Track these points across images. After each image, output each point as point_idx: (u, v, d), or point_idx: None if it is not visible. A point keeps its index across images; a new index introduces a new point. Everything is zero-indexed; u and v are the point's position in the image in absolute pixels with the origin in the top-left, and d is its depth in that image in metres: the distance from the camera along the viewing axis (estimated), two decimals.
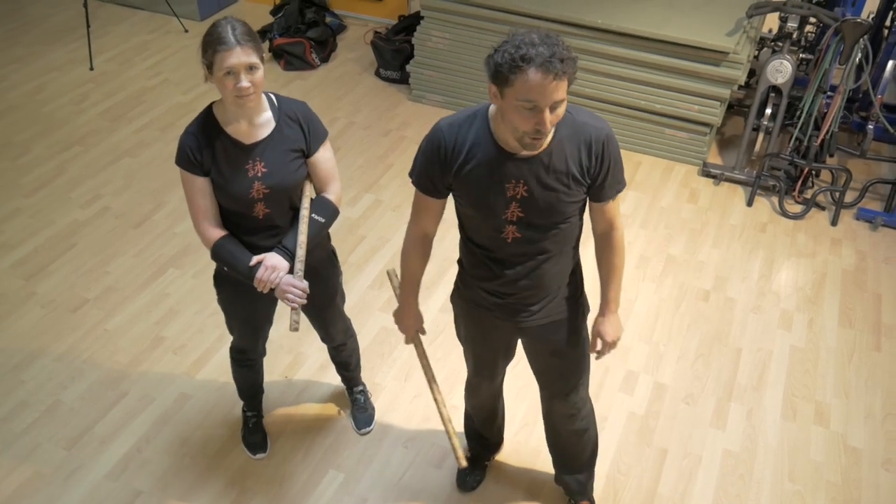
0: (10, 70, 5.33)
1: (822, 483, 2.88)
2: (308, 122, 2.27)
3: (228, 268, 2.29)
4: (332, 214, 2.36)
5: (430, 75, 4.94)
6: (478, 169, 1.93)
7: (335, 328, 2.74)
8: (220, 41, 2.01)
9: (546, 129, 1.76)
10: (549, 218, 1.98)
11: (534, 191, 1.92)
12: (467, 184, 1.96)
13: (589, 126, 1.92)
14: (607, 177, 1.97)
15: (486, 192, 1.94)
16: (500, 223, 1.99)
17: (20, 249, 3.84)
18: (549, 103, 1.72)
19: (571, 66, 1.72)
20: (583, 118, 1.93)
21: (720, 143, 4.73)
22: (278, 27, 5.48)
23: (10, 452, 2.93)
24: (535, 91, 1.70)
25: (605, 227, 2.13)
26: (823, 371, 3.30)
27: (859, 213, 4.13)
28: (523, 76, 1.68)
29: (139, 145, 4.63)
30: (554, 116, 1.76)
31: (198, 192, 2.22)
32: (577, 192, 1.96)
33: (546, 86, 1.69)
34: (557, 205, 1.95)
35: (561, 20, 4.42)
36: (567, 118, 1.90)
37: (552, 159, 1.90)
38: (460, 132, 1.94)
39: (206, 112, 2.21)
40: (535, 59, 1.67)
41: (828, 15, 3.93)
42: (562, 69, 1.68)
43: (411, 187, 2.10)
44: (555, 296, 2.18)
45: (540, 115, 1.73)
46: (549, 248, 2.05)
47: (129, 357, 3.31)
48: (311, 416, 3.09)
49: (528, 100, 1.71)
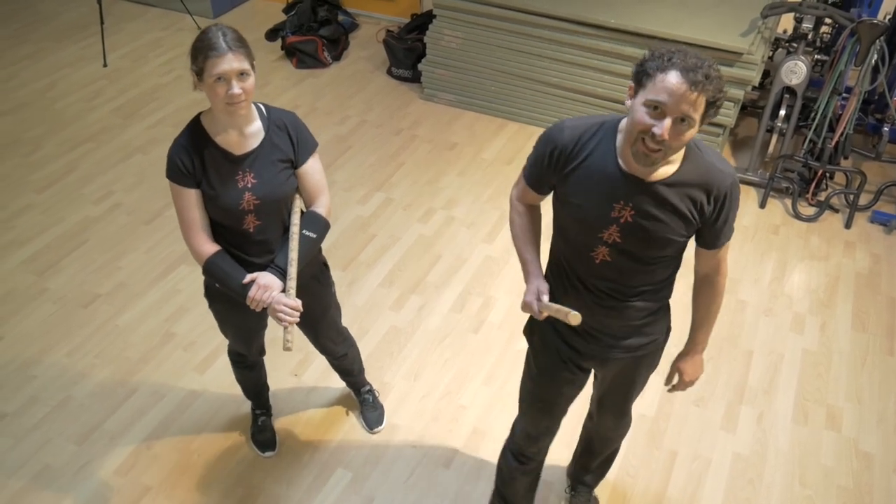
0: (22, 67, 5.35)
1: (834, 488, 2.85)
2: (297, 132, 2.23)
3: (220, 285, 2.24)
4: (323, 229, 2.32)
5: (442, 74, 4.93)
6: (589, 178, 1.83)
7: (332, 342, 2.71)
8: (210, 47, 1.98)
9: (664, 136, 1.64)
10: (646, 251, 1.86)
11: (640, 218, 1.81)
12: (574, 191, 1.86)
13: (715, 169, 1.80)
14: (724, 224, 1.87)
15: (591, 205, 1.84)
16: (593, 241, 1.88)
17: (31, 246, 3.86)
18: (677, 112, 1.63)
19: (715, 85, 1.64)
20: (710, 158, 1.82)
21: (733, 144, 4.70)
22: (291, 25, 5.48)
23: (21, 447, 2.94)
24: (667, 92, 1.63)
25: (709, 271, 2.02)
26: (836, 375, 3.27)
27: (874, 216, 4.09)
28: (663, 75, 1.63)
29: (151, 142, 4.64)
30: (676, 132, 1.65)
31: (189, 204, 2.17)
32: (685, 232, 1.85)
33: (681, 92, 1.62)
34: (659, 240, 1.83)
35: (573, 19, 4.40)
36: (695, 154, 1.80)
37: (669, 192, 1.79)
38: (582, 137, 1.85)
39: (193, 122, 2.16)
40: (679, 64, 1.63)
41: (843, 16, 3.89)
42: (704, 83, 1.62)
43: (422, 186, 2.09)
44: (636, 331, 2.07)
45: (661, 121, 1.64)
46: (635, 284, 1.95)
47: (139, 353, 3.32)
48: (320, 415, 3.09)
49: (658, 100, 1.64)
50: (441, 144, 4.63)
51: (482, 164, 4.47)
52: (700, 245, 1.95)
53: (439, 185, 4.28)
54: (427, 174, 4.37)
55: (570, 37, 4.46)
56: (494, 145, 4.63)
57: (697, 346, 2.15)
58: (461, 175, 4.37)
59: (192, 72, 2.04)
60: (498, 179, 4.35)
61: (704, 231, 1.88)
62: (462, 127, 4.78)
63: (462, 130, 4.75)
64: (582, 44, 4.45)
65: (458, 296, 3.61)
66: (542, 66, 4.60)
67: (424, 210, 4.11)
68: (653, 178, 1.78)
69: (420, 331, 3.44)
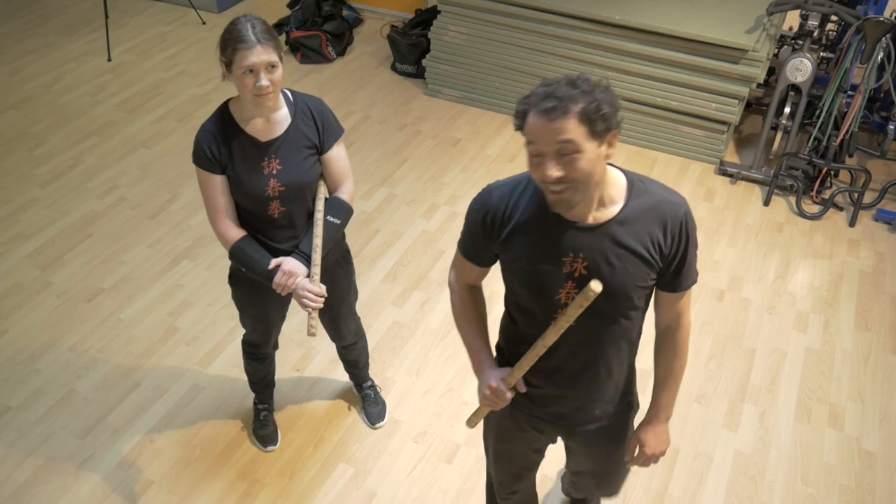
0: (27, 61, 5.36)
1: (836, 486, 2.85)
2: (323, 119, 2.26)
3: (246, 269, 2.28)
4: (346, 215, 2.35)
5: (447, 70, 4.93)
6: (528, 238, 1.66)
7: (347, 327, 2.73)
8: (240, 39, 2.00)
9: (553, 176, 1.49)
10: (612, 303, 1.67)
11: (596, 268, 1.63)
12: (517, 254, 1.69)
13: (665, 200, 1.64)
14: (683, 262, 1.69)
15: (537, 267, 1.66)
16: (551, 305, 1.69)
17: (36, 240, 3.87)
18: (552, 148, 1.48)
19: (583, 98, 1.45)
20: (657, 190, 1.66)
21: (737, 141, 4.69)
22: (295, 20, 5.48)
23: (25, 441, 2.95)
24: (533, 136, 1.50)
25: (669, 322, 1.83)
26: (839, 373, 3.27)
27: (878, 215, 4.08)
28: (527, 121, 1.50)
29: (155, 136, 4.64)
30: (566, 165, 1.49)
31: (215, 190, 2.20)
32: (647, 276, 1.66)
33: (542, 126, 1.47)
34: (622, 288, 1.65)
35: (578, 15, 4.40)
36: (639, 189, 1.64)
37: (621, 232, 1.62)
38: (512, 195, 1.70)
39: (222, 109, 2.20)
40: (533, 101, 1.49)
41: (849, 13, 3.88)
42: (559, 104, 1.45)
43: (426, 182, 2.09)
44: (607, 398, 1.90)
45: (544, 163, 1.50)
46: (605, 343, 1.76)
47: (142, 348, 3.33)
48: (322, 410, 3.10)
49: (532, 146, 1.51)
50: (445, 140, 4.63)
51: (486, 160, 4.47)
52: (659, 288, 1.75)
53: (443, 181, 4.28)
54: (431, 170, 4.37)
55: (575, 33, 4.45)
56: (498, 141, 4.63)
57: (660, 412, 1.93)
58: (465, 171, 4.37)
59: (220, 62, 2.07)
60: (501, 175, 4.32)
61: (665, 271, 1.70)
62: (466, 123, 4.78)
63: (466, 126, 4.75)
64: (586, 40, 4.44)
65: None
66: (547, 62, 4.60)
67: (428, 206, 4.11)
68: (597, 221, 1.62)
69: (423, 326, 3.44)
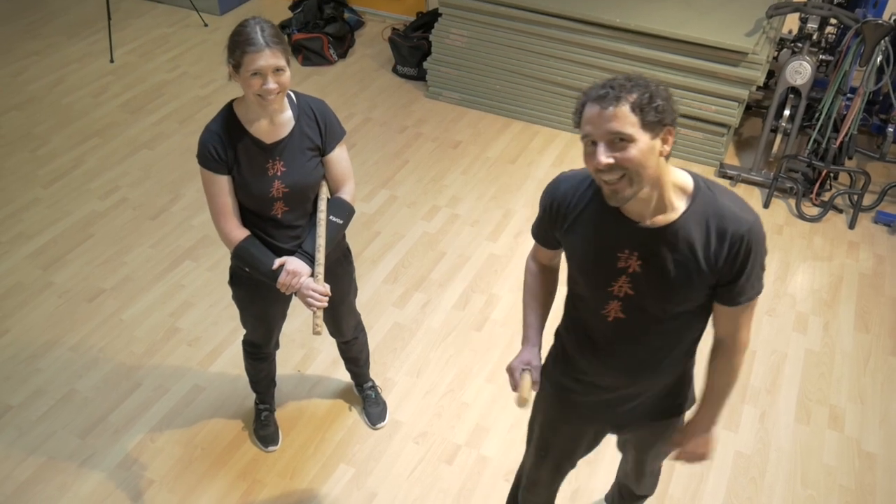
0: (31, 62, 5.38)
1: (836, 487, 2.86)
2: (325, 121, 2.27)
3: (250, 269, 2.29)
4: (348, 215, 2.37)
5: (448, 73, 4.94)
6: (588, 230, 1.73)
7: (347, 324, 2.74)
8: (248, 42, 2.01)
9: (604, 163, 1.53)
10: (662, 304, 1.71)
11: (648, 268, 1.67)
12: (577, 244, 1.76)
13: (730, 213, 1.62)
14: (740, 278, 1.65)
15: (595, 257, 1.72)
16: (604, 296, 1.75)
17: (38, 239, 3.88)
18: (605, 135, 1.53)
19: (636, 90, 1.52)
20: (724, 201, 1.64)
21: (737, 143, 4.70)
22: (297, 22, 5.49)
23: (26, 440, 2.96)
24: (588, 123, 1.56)
25: (725, 337, 1.81)
26: (838, 375, 3.28)
27: (878, 217, 4.09)
28: (583, 112, 1.57)
29: (157, 138, 4.66)
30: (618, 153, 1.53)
31: (220, 190, 2.21)
32: (700, 285, 1.66)
33: (596, 114, 1.53)
34: (671, 292, 1.67)
35: (579, 18, 4.41)
36: (706, 196, 1.64)
37: (678, 237, 1.63)
38: (579, 187, 1.75)
39: (227, 109, 2.20)
40: (591, 94, 1.56)
41: (848, 16, 3.89)
42: (613, 94, 1.52)
43: (426, 183, 2.10)
44: (658, 396, 1.94)
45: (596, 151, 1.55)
46: (657, 344, 1.80)
47: (143, 348, 3.33)
48: (323, 410, 3.10)
49: (585, 134, 1.57)
50: (445, 142, 4.64)
51: (486, 162, 4.48)
52: (717, 301, 1.73)
53: (443, 183, 4.29)
54: (431, 172, 4.38)
55: (576, 36, 4.46)
56: (499, 144, 4.64)
57: (704, 420, 1.92)
58: (465, 173, 4.38)
59: (228, 63, 2.08)
60: (502, 178, 4.35)
61: (722, 284, 1.68)
62: (466, 125, 4.79)
63: (466, 129, 4.76)
64: (587, 43, 4.45)
65: (462, 293, 3.62)
66: (547, 64, 4.61)
67: (428, 207, 4.12)
68: (656, 224, 1.65)
69: (423, 328, 3.45)
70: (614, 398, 1.94)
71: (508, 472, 2.88)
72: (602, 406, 1.97)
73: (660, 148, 1.56)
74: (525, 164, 4.48)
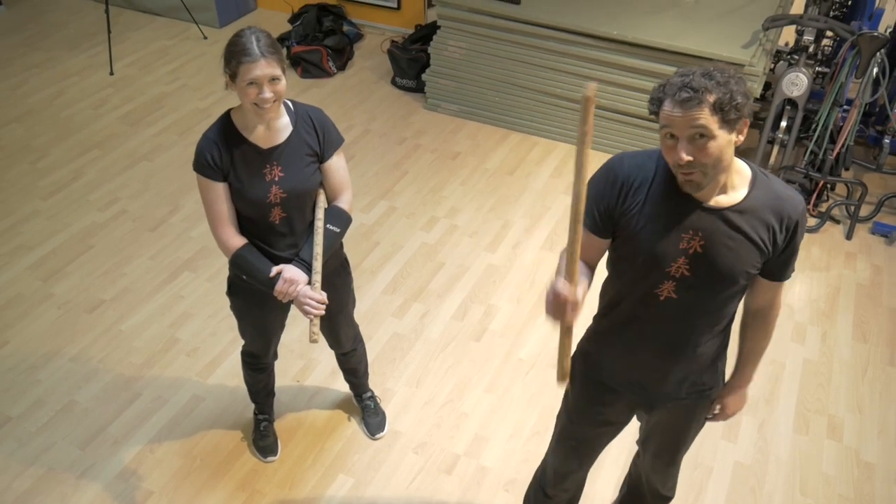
0: (30, 74, 5.40)
1: (835, 497, 2.86)
2: (324, 128, 2.29)
3: (247, 277, 2.30)
4: (345, 223, 2.38)
5: (446, 84, 4.96)
6: (652, 210, 1.74)
7: (345, 335, 2.75)
8: (244, 52, 2.03)
9: (686, 159, 1.59)
10: (716, 284, 1.76)
11: (710, 248, 1.72)
12: (641, 224, 1.75)
13: (786, 195, 1.74)
14: (792, 254, 1.79)
15: (658, 239, 1.74)
16: (659, 277, 1.77)
17: (38, 251, 3.89)
18: (687, 132, 1.59)
19: (717, 89, 1.57)
20: (779, 186, 1.76)
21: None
22: (296, 35, 5.52)
23: (25, 451, 2.96)
24: (669, 121, 1.61)
25: (763, 305, 1.93)
26: (837, 385, 3.28)
27: (875, 228, 4.11)
28: (662, 105, 1.62)
29: (157, 149, 4.67)
30: (698, 149, 1.60)
31: (217, 197, 2.23)
32: (756, 263, 1.75)
33: (678, 115, 1.59)
34: (729, 272, 1.73)
35: (577, 31, 4.44)
36: (762, 181, 1.75)
37: (740, 219, 1.71)
38: (644, 166, 1.77)
39: (224, 117, 2.22)
40: (669, 90, 1.60)
41: (844, 28, 3.93)
42: (694, 96, 1.56)
43: (425, 194, 2.10)
44: (691, 378, 1.97)
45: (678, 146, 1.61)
46: (698, 322, 1.84)
47: (143, 359, 3.34)
48: (322, 420, 3.10)
49: (667, 129, 1.62)
50: (444, 154, 4.66)
51: (485, 173, 4.50)
52: (763, 276, 1.83)
53: (442, 194, 4.30)
54: (430, 183, 4.39)
55: (573, 48, 4.49)
56: (497, 155, 4.66)
57: (744, 379, 2.06)
58: (464, 184, 4.40)
59: (224, 73, 2.10)
60: (501, 189, 4.37)
61: (772, 261, 1.78)
62: (465, 137, 4.81)
63: (465, 140, 4.78)
64: (585, 55, 4.48)
65: (461, 304, 3.63)
66: (546, 76, 4.64)
67: (427, 219, 4.13)
68: (722, 205, 1.71)
69: (422, 338, 3.45)
70: (652, 379, 1.97)
71: (508, 481, 2.88)
72: (637, 387, 2.00)
73: (735, 139, 1.66)
74: (523, 175, 4.49)
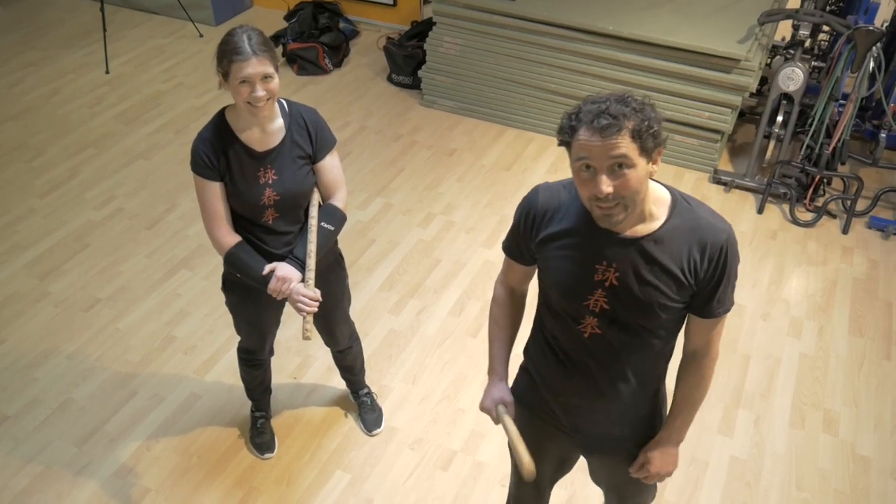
0: (26, 73, 5.40)
1: (830, 491, 2.86)
2: (316, 129, 2.29)
3: (241, 274, 2.31)
4: (340, 221, 2.38)
5: (442, 81, 4.96)
6: (565, 241, 1.69)
7: (341, 332, 2.75)
8: (236, 51, 2.03)
9: (607, 192, 1.51)
10: (638, 318, 1.68)
11: (626, 280, 1.64)
12: (553, 255, 1.72)
13: (707, 224, 1.64)
14: (718, 288, 1.67)
15: (571, 270, 1.69)
16: (580, 311, 1.71)
17: (34, 249, 3.89)
18: (606, 163, 1.50)
19: (634, 115, 1.49)
20: (702, 213, 1.65)
21: (731, 150, 4.73)
22: (292, 32, 5.52)
23: (22, 449, 2.96)
24: (585, 150, 1.51)
25: (696, 348, 1.80)
26: (833, 379, 3.29)
27: (871, 222, 4.11)
28: (577, 135, 1.52)
29: (153, 148, 4.67)
30: (618, 180, 1.51)
31: (213, 196, 2.23)
32: (678, 297, 1.66)
33: (597, 145, 1.49)
34: (648, 304, 1.65)
35: (572, 27, 4.44)
36: (683, 208, 1.65)
37: (656, 249, 1.62)
38: (559, 196, 1.72)
39: (218, 117, 2.22)
40: (584, 118, 1.51)
41: (840, 23, 3.92)
42: (614, 123, 1.48)
43: (422, 191, 2.11)
44: (627, 418, 1.89)
45: (597, 179, 1.52)
46: (630, 361, 1.76)
47: (139, 356, 3.34)
48: (319, 417, 3.11)
49: (583, 158, 1.52)
50: (440, 150, 4.66)
51: (481, 169, 4.50)
52: (693, 312, 1.74)
53: (438, 191, 4.30)
54: (426, 179, 4.39)
55: (569, 44, 4.49)
56: (493, 151, 4.66)
57: (672, 435, 1.88)
58: (460, 180, 4.40)
59: (217, 72, 2.10)
60: (497, 185, 4.37)
61: (699, 295, 1.68)
62: (461, 133, 4.81)
63: (461, 136, 4.78)
64: (581, 50, 4.48)
65: (457, 300, 3.63)
66: (541, 72, 4.64)
67: (424, 215, 4.13)
68: (635, 234, 1.63)
69: (419, 334, 3.46)
70: (585, 418, 1.89)
71: (504, 477, 2.88)
72: (573, 426, 1.92)
73: (651, 169, 1.57)
74: (520, 171, 4.49)
